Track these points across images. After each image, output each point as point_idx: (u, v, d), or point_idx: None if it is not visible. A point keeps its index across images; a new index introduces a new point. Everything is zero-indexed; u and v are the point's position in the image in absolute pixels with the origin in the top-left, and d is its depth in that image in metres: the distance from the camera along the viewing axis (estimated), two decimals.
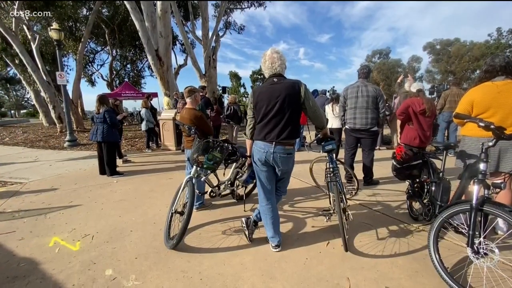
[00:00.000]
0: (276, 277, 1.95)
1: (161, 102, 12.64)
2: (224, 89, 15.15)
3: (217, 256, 2.24)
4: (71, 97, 12.25)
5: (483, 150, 1.84)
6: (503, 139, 1.82)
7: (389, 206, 3.19)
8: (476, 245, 1.74)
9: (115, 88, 20.45)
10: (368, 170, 3.96)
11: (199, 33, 15.15)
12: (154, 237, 2.57)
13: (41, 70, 11.25)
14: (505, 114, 2.14)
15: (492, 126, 1.75)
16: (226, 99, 13.63)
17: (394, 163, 2.79)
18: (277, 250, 2.27)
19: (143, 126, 7.39)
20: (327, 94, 8.76)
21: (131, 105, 23.60)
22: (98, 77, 24.50)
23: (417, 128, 3.17)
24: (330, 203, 2.63)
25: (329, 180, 2.41)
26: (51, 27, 7.92)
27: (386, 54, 37.62)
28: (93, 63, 23.49)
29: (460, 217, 1.94)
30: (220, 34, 17.42)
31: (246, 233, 2.38)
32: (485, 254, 1.73)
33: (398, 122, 3.60)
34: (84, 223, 2.94)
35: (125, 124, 11.72)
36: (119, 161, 5.51)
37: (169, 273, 2.02)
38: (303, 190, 3.88)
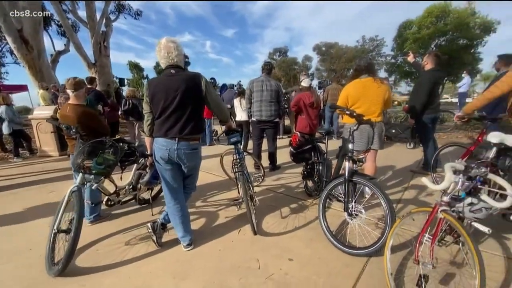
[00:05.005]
0: (189, 276, 1.90)
1: (35, 96, 9.95)
2: (121, 81, 13.22)
3: (121, 270, 2.00)
4: None
5: (350, 133, 2.32)
6: (363, 124, 2.33)
7: (290, 187, 3.62)
8: (349, 209, 2.20)
9: None
10: (273, 157, 4.35)
11: (83, 14, 12.62)
12: (31, 267, 2.05)
13: None
14: (370, 104, 2.73)
15: (354, 114, 2.22)
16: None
17: (291, 149, 3.17)
18: (189, 248, 2.21)
19: (5, 129, 5.67)
20: (235, 88, 9.04)
21: None
22: None
23: (307, 118, 3.69)
24: (239, 192, 2.75)
25: (236, 170, 2.50)
26: None
27: (285, 52, 41.81)
28: None
29: (339, 189, 2.39)
30: (112, 17, 15.05)
31: (154, 238, 2.21)
32: (356, 215, 2.21)
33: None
34: None
35: None
36: None
37: None
38: (215, 183, 3.90)
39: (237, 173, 2.52)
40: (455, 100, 15.93)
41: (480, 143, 2.70)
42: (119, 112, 6.33)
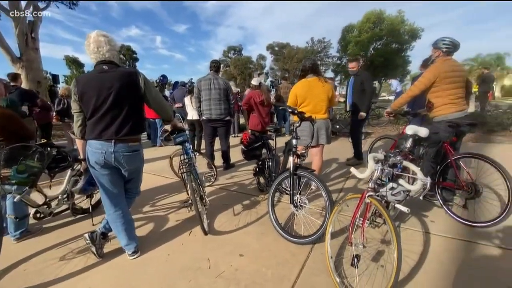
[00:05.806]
0: (134, 285, 1.80)
1: None
2: (55, 78, 11.66)
3: None
4: None
5: (294, 129, 2.45)
6: (304, 120, 2.48)
7: (243, 185, 3.68)
8: (295, 201, 2.33)
9: None
10: (226, 155, 4.34)
11: (3, 1, 10.74)
12: None
13: None
14: (316, 102, 2.90)
15: (295, 111, 2.35)
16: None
17: (242, 147, 3.22)
18: (135, 256, 2.09)
19: None
20: (186, 86, 8.75)
21: None
22: None
23: (258, 116, 3.78)
24: (188, 194, 2.69)
25: (184, 171, 2.44)
26: None
27: (239, 51, 41.91)
28: None
29: (286, 182, 2.51)
30: (41, 6, 13.15)
31: (93, 249, 2.02)
32: (301, 206, 2.35)
33: None
34: None
35: None
36: None
37: None
38: (165, 186, 3.75)
39: (184, 174, 2.46)
40: (392, 97, 18.09)
41: (403, 135, 3.11)
42: (53, 113, 5.62)
